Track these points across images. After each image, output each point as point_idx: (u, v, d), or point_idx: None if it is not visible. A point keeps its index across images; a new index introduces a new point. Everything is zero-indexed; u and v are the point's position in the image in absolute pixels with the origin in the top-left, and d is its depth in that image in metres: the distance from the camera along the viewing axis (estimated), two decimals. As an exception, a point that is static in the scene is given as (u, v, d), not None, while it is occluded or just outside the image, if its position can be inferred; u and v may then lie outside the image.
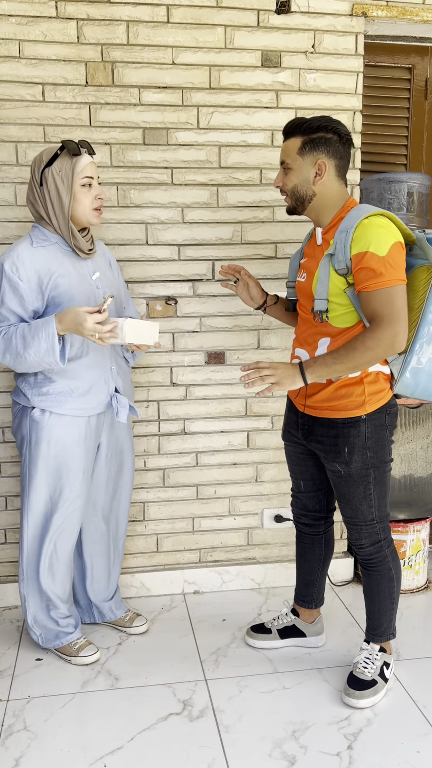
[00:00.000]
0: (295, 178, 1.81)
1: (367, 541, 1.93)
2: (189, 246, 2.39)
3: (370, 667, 1.97)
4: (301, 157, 1.79)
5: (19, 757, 1.73)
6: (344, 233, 1.73)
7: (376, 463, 1.86)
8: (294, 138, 1.80)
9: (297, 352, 1.93)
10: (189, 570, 2.58)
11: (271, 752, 1.75)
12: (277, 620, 2.24)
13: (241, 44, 2.29)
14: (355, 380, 1.81)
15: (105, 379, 2.03)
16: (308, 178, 1.80)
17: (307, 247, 1.93)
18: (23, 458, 2.04)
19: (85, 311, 1.78)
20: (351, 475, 1.86)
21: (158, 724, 1.86)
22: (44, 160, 1.88)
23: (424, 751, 1.75)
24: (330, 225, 1.83)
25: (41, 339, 1.81)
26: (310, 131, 1.77)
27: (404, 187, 2.34)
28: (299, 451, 2.05)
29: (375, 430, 1.84)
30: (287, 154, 1.81)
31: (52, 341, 1.81)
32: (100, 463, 2.14)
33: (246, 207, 2.39)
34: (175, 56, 2.27)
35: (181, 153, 2.32)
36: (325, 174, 1.79)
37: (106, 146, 2.28)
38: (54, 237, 1.91)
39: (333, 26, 2.33)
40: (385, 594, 1.96)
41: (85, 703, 1.95)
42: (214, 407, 2.50)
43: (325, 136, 1.77)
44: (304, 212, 1.86)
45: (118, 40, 2.22)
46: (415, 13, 2.37)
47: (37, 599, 2.11)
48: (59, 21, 2.18)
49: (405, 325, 1.70)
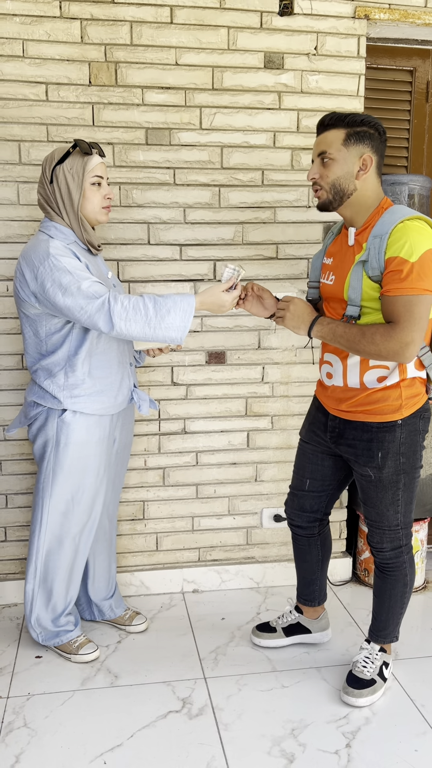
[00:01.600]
0: (338, 170, 1.74)
1: (388, 545, 1.90)
2: (191, 246, 2.40)
3: (370, 666, 1.98)
4: (346, 148, 1.72)
5: (19, 754, 1.74)
6: (378, 239, 1.68)
7: (407, 468, 1.83)
8: (336, 130, 1.73)
9: (328, 357, 1.88)
10: (188, 569, 2.59)
11: (270, 750, 1.76)
12: (282, 618, 2.24)
13: (244, 46, 2.30)
14: (393, 385, 1.78)
15: (127, 374, 2.05)
16: (352, 172, 1.73)
17: (333, 246, 1.88)
18: (46, 461, 2.01)
19: (222, 291, 1.85)
20: (381, 480, 1.83)
21: (158, 722, 1.86)
22: (56, 158, 1.89)
23: (421, 750, 1.76)
24: (364, 226, 1.78)
25: (177, 314, 1.80)
26: (354, 124, 1.72)
27: (405, 189, 2.35)
28: (319, 450, 2.01)
29: (410, 435, 1.81)
30: (329, 145, 1.74)
31: (188, 319, 1.81)
32: (112, 460, 2.16)
33: (248, 208, 2.40)
34: (178, 57, 2.28)
35: (184, 153, 2.33)
36: (369, 169, 1.74)
37: (109, 146, 2.29)
38: (70, 234, 1.92)
39: (335, 28, 2.34)
40: (397, 598, 1.94)
41: (85, 700, 1.95)
42: (214, 407, 2.51)
43: (369, 131, 1.73)
44: (339, 208, 1.79)
45: (122, 41, 2.23)
46: (417, 16, 2.39)
47: (45, 600, 2.11)
48: (63, 21, 2.19)
49: (419, 337, 1.65)
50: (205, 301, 1.86)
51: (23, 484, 2.44)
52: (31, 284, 1.85)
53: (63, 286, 1.80)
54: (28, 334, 1.97)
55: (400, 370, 1.77)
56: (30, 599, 2.11)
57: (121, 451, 2.19)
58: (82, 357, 1.93)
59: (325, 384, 1.92)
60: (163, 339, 1.83)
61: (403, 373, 1.77)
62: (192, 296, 1.83)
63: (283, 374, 2.53)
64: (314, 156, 1.80)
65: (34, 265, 1.84)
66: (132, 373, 2.10)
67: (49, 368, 1.95)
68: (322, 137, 1.77)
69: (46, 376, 1.96)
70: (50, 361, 1.94)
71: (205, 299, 1.86)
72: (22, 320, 1.97)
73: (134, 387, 2.10)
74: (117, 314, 1.78)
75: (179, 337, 1.82)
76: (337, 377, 1.85)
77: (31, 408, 2.02)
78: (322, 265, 1.92)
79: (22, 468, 2.43)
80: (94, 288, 1.81)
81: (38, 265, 1.83)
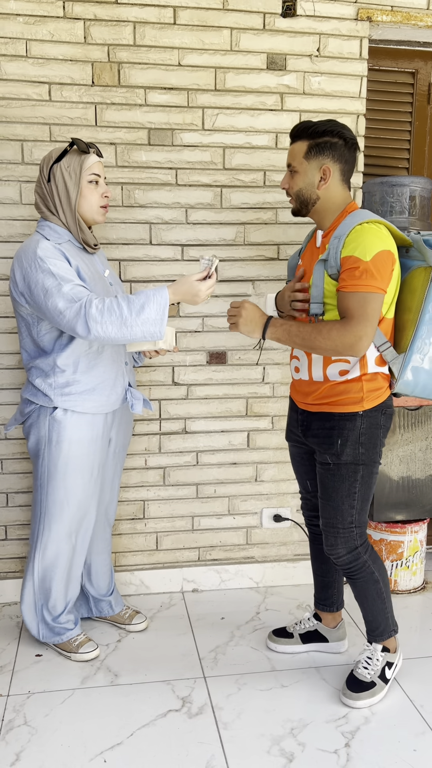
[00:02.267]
0: (300, 182, 1.84)
1: (343, 549, 1.91)
2: (192, 246, 2.40)
3: (371, 668, 1.97)
4: (307, 161, 1.81)
5: (19, 752, 1.75)
6: (337, 239, 1.77)
7: (366, 460, 1.87)
8: (300, 141, 1.82)
9: (296, 352, 1.95)
10: (188, 568, 2.59)
11: (269, 749, 1.77)
12: (300, 625, 2.23)
13: (247, 47, 2.31)
14: (354, 378, 1.83)
15: (121, 374, 2.05)
16: (313, 182, 1.82)
17: (307, 248, 1.96)
18: (40, 459, 2.02)
19: (196, 281, 1.83)
20: (339, 468, 1.87)
21: (157, 721, 1.87)
22: (53, 157, 1.90)
23: (420, 750, 1.77)
24: (330, 229, 1.86)
25: (151, 307, 1.79)
26: (316, 135, 1.80)
27: (406, 191, 2.35)
28: (302, 452, 2.06)
29: (370, 428, 1.86)
30: (293, 158, 1.84)
31: (164, 311, 1.80)
32: (109, 460, 2.16)
33: (249, 208, 2.41)
34: (181, 58, 2.28)
35: (186, 154, 2.34)
36: (329, 179, 1.81)
37: (112, 146, 2.29)
38: (65, 234, 1.92)
39: (338, 30, 2.35)
40: (374, 597, 1.96)
41: (85, 699, 1.96)
42: (215, 407, 2.51)
43: (331, 140, 1.80)
44: (307, 214, 1.89)
45: (125, 41, 2.24)
46: (419, 18, 2.39)
47: (44, 598, 2.12)
48: (66, 21, 2.19)
49: (371, 332, 1.73)
50: (178, 291, 1.84)
51: (23, 483, 2.45)
52: (20, 285, 1.87)
53: (45, 289, 1.81)
54: (23, 332, 1.98)
55: (361, 364, 1.82)
56: (29, 598, 2.11)
57: (119, 452, 2.19)
58: (74, 356, 1.94)
59: (294, 378, 1.98)
60: (143, 336, 1.81)
61: (364, 368, 1.83)
62: (165, 288, 1.83)
63: (283, 375, 2.54)
64: (286, 166, 1.91)
65: (23, 266, 1.85)
66: (128, 372, 2.10)
67: (41, 367, 1.96)
68: (291, 148, 1.86)
69: (38, 374, 1.98)
70: (43, 359, 1.96)
71: (178, 289, 1.84)
72: (17, 319, 1.98)
73: (129, 386, 2.10)
74: (92, 318, 1.77)
75: (158, 331, 1.81)
76: (303, 371, 1.91)
77: (25, 405, 2.04)
78: (297, 266, 1.99)
79: (22, 467, 2.44)
80: (75, 291, 1.80)
81: (26, 266, 1.84)
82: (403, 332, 1.85)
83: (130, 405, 2.08)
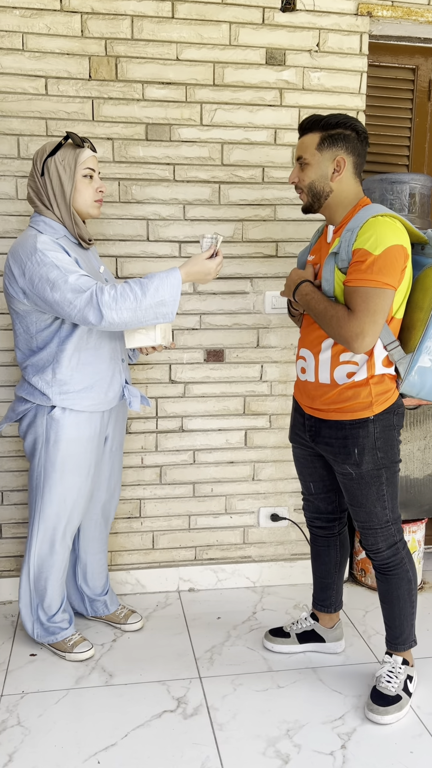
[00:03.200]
0: (312, 174, 1.79)
1: (383, 544, 1.88)
2: (190, 243, 2.38)
3: (394, 681, 1.91)
4: (320, 152, 1.77)
5: (12, 753, 1.73)
6: (350, 232, 1.73)
7: (386, 463, 1.83)
8: (312, 134, 1.78)
9: (303, 352, 1.92)
10: (184, 567, 2.57)
11: (264, 751, 1.75)
12: (296, 624, 2.21)
13: (246, 41, 2.29)
14: (361, 382, 1.79)
15: (118, 371, 2.04)
16: (326, 174, 1.78)
17: (317, 244, 1.92)
18: (37, 458, 2.00)
19: (206, 259, 1.86)
20: (363, 477, 1.83)
21: (152, 721, 1.85)
22: (47, 151, 1.88)
23: (417, 752, 1.75)
24: (341, 223, 1.82)
25: (165, 289, 1.79)
26: (329, 127, 1.76)
27: (406, 188, 2.33)
28: (307, 453, 2.03)
29: (384, 431, 1.82)
30: (305, 150, 1.80)
31: (177, 292, 1.80)
32: (105, 458, 2.14)
33: (248, 205, 2.39)
34: (179, 52, 2.26)
35: (184, 149, 2.32)
36: (343, 170, 1.77)
37: (109, 141, 2.27)
38: (60, 229, 1.90)
39: (338, 25, 2.32)
40: (405, 598, 1.91)
41: (79, 699, 1.94)
42: (212, 405, 2.50)
43: (344, 132, 1.76)
44: (319, 210, 1.85)
45: (123, 35, 2.21)
46: (420, 14, 2.37)
47: (40, 597, 2.10)
48: (63, 14, 2.17)
49: (374, 330, 1.68)
50: (190, 271, 1.85)
51: (19, 481, 2.43)
52: (19, 280, 1.83)
53: (51, 281, 1.78)
54: (18, 330, 1.95)
55: (368, 366, 1.79)
56: (25, 596, 2.10)
57: (116, 450, 2.17)
58: (71, 352, 1.92)
59: (300, 379, 1.95)
60: (155, 318, 1.82)
61: (371, 370, 1.79)
62: (176, 269, 1.83)
63: (281, 373, 2.52)
64: (294, 160, 1.86)
65: (21, 261, 1.82)
66: (124, 369, 2.08)
67: (38, 364, 1.94)
68: (300, 141, 1.82)
69: (35, 372, 1.95)
70: (40, 357, 1.93)
71: (190, 269, 1.85)
72: (12, 316, 1.95)
73: (126, 383, 2.08)
74: (105, 304, 1.76)
75: (171, 312, 1.82)
76: (310, 372, 1.88)
77: (20, 404, 2.01)
78: (306, 262, 1.95)
79: (17, 465, 2.42)
80: (81, 281, 1.79)
81: (26, 260, 1.81)
82: (411, 331, 1.80)
83: (128, 402, 2.06)
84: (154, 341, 1.88)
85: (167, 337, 1.96)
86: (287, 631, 2.20)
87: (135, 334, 1.90)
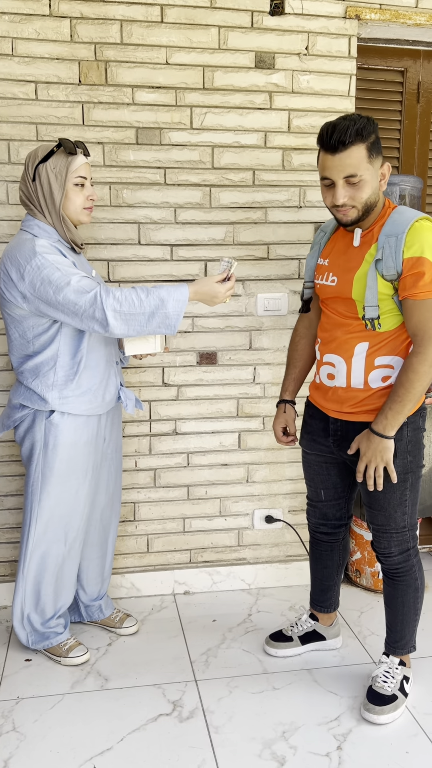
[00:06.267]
0: (369, 189, 1.66)
1: (396, 549, 1.86)
2: (181, 246, 2.38)
3: (390, 681, 1.91)
4: (371, 164, 1.65)
5: (7, 759, 1.73)
6: (394, 238, 1.66)
7: (413, 467, 1.81)
8: (356, 146, 1.62)
9: (329, 358, 1.85)
10: (179, 570, 2.57)
11: (260, 753, 1.75)
12: (296, 627, 2.20)
13: (235, 45, 2.30)
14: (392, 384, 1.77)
15: (114, 374, 2.04)
16: (376, 186, 1.69)
17: (329, 246, 1.86)
18: (34, 463, 1.99)
19: (216, 282, 1.86)
20: (389, 481, 1.80)
21: (148, 725, 1.85)
22: (39, 156, 1.87)
23: (412, 752, 1.76)
24: (370, 227, 1.75)
25: (171, 303, 1.80)
26: (368, 135, 1.63)
27: (396, 190, 2.34)
28: (323, 460, 1.99)
29: (414, 434, 1.79)
30: (357, 167, 1.63)
31: (181, 307, 1.81)
32: (105, 461, 2.14)
33: (239, 208, 2.40)
34: (168, 56, 2.27)
35: (174, 153, 2.32)
36: (387, 177, 1.71)
37: (99, 145, 2.27)
38: (53, 233, 1.90)
39: (326, 28, 2.34)
40: (409, 605, 1.90)
41: (75, 704, 1.94)
42: (205, 408, 2.50)
43: (376, 135, 1.66)
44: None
45: (112, 40, 2.22)
46: (408, 17, 2.39)
47: (33, 602, 2.09)
48: (53, 19, 2.17)
49: None
50: (198, 291, 1.85)
51: (13, 486, 2.42)
52: (18, 284, 1.82)
53: (53, 284, 1.78)
54: (13, 335, 1.93)
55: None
56: (19, 602, 2.09)
57: (114, 454, 2.17)
58: (70, 356, 1.92)
59: (326, 386, 1.89)
60: (157, 328, 1.82)
61: None
62: (185, 286, 1.83)
63: (274, 375, 2.52)
64: (336, 178, 1.66)
65: (20, 265, 1.81)
66: (118, 371, 2.08)
67: (36, 369, 1.93)
68: (344, 157, 1.63)
69: (33, 377, 1.94)
70: (37, 361, 1.92)
71: (198, 289, 1.85)
72: (6, 321, 1.93)
73: (121, 386, 2.08)
74: (110, 308, 1.77)
75: (173, 326, 1.82)
76: (341, 378, 1.83)
77: (15, 410, 1.99)
78: (317, 266, 1.90)
79: (11, 470, 2.42)
80: (84, 283, 1.79)
81: (25, 264, 1.80)
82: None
83: (123, 405, 2.06)
84: (155, 349, 1.89)
85: (161, 342, 1.97)
86: (288, 634, 2.19)
87: (135, 341, 1.92)
